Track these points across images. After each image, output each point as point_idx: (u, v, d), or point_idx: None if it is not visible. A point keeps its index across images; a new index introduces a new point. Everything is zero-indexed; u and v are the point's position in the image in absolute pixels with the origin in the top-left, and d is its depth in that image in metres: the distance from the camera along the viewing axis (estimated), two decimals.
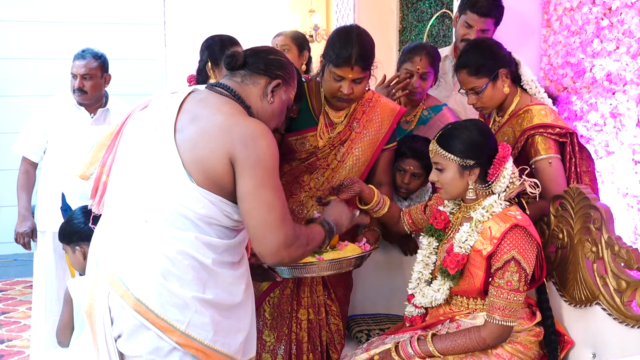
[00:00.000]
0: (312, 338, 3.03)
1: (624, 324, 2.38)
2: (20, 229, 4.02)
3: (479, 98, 2.88)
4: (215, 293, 2.15)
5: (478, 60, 2.85)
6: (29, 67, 7.06)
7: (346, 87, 2.81)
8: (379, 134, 3.01)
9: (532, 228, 2.45)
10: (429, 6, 5.62)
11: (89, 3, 7.20)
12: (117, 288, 2.11)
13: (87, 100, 4.01)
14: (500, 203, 2.48)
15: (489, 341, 2.42)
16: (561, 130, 2.83)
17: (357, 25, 2.89)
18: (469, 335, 2.45)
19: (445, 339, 2.47)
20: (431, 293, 2.59)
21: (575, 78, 3.97)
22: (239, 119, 2.13)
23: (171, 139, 2.13)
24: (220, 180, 2.10)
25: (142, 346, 2.11)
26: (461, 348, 2.45)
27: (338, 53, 2.78)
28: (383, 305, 3.32)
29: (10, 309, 5.33)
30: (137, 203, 2.16)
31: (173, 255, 2.09)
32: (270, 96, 2.28)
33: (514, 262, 2.38)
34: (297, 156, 2.99)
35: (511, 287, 2.38)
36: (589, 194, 2.55)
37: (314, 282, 3.03)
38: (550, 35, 4.14)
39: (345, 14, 6.48)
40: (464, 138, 2.48)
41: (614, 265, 2.43)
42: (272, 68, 2.28)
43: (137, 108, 2.32)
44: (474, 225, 2.48)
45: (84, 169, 2.44)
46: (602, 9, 3.75)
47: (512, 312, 2.39)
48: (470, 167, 2.48)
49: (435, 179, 2.55)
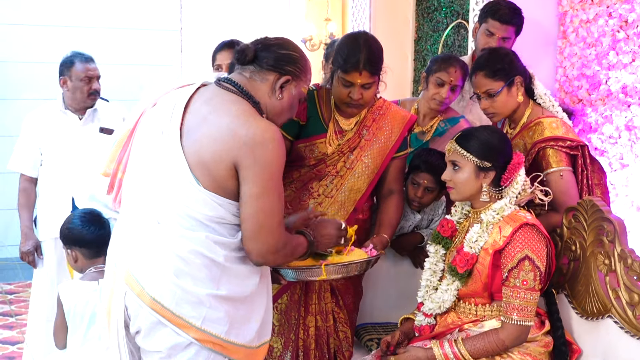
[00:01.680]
0: (320, 345, 3.02)
1: (635, 337, 2.36)
2: (24, 248, 4.04)
3: (492, 102, 2.88)
4: (229, 288, 2.16)
5: (497, 63, 2.87)
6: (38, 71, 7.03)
7: (355, 93, 2.81)
8: (389, 141, 3.00)
9: (542, 227, 2.47)
10: (444, 16, 5.63)
11: (107, 8, 7.24)
12: (134, 287, 2.15)
13: (95, 102, 4.05)
14: (510, 207, 2.50)
15: (507, 343, 2.43)
16: (572, 143, 2.82)
17: (365, 31, 2.90)
18: (487, 338, 2.45)
19: (465, 343, 2.47)
20: (439, 295, 2.60)
21: (590, 90, 3.95)
22: (245, 121, 2.11)
23: (177, 143, 2.14)
24: (225, 184, 2.11)
25: (161, 342, 2.15)
26: (481, 352, 2.45)
27: (346, 58, 2.78)
28: (394, 314, 3.30)
29: (23, 311, 5.34)
30: (149, 205, 2.18)
31: (185, 255, 2.12)
32: (279, 92, 2.25)
33: (527, 260, 2.41)
34: (305, 163, 2.98)
35: (527, 287, 2.40)
36: (602, 206, 2.54)
37: (321, 289, 3.02)
38: (567, 47, 4.14)
39: (361, 22, 6.48)
40: (484, 140, 2.52)
41: (626, 278, 2.41)
42: (281, 64, 2.24)
43: (148, 105, 2.31)
44: (485, 227, 2.50)
45: (105, 166, 2.43)
46: (618, 21, 3.75)
47: (529, 312, 2.41)
48: (486, 169, 2.51)
49: (448, 178, 2.57)
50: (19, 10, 7.07)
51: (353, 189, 2.98)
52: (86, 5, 7.21)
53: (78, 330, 2.94)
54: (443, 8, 5.64)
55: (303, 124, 2.96)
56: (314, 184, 3.00)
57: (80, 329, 2.94)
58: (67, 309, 2.95)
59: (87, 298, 2.93)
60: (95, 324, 2.92)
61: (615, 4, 3.76)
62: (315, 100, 2.99)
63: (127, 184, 2.29)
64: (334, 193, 2.98)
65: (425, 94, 3.41)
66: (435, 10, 5.78)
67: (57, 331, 3.03)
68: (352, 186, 2.97)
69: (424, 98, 3.42)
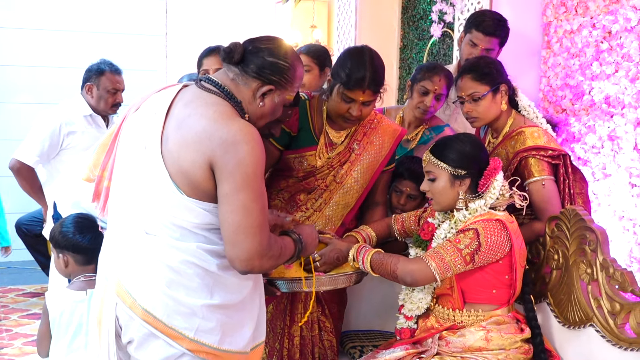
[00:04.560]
0: (304, 355, 3.01)
1: (617, 346, 2.37)
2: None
3: (475, 106, 2.88)
4: (223, 296, 2.14)
5: (484, 67, 2.89)
6: (29, 75, 7.07)
7: (355, 110, 2.77)
8: (379, 156, 2.98)
9: (512, 225, 2.50)
10: (430, 25, 5.65)
11: (92, 13, 7.23)
12: (125, 299, 2.12)
13: (116, 112, 4.12)
14: (485, 209, 2.52)
15: (399, 271, 2.48)
16: (554, 152, 2.83)
17: (368, 47, 2.83)
18: (390, 259, 2.53)
19: (374, 254, 2.57)
20: (416, 295, 2.64)
21: (574, 100, 3.98)
22: (222, 123, 2.05)
23: (157, 152, 2.10)
24: (205, 189, 2.07)
25: (154, 353, 2.13)
26: (379, 267, 2.54)
27: (350, 75, 2.72)
28: (377, 322, 3.31)
29: (2, 316, 5.30)
30: (136, 215, 2.15)
31: (177, 265, 2.09)
32: (259, 100, 2.20)
33: (473, 231, 2.44)
34: (294, 174, 2.95)
35: (457, 245, 2.43)
36: (585, 215, 2.56)
37: (307, 298, 3.00)
38: (550, 57, 4.16)
39: (346, 30, 6.50)
40: (457, 148, 2.54)
41: (608, 288, 2.42)
42: (266, 72, 2.17)
43: (130, 109, 2.28)
44: (454, 224, 2.53)
45: (88, 172, 2.39)
46: (602, 32, 3.77)
47: (445, 270, 2.43)
48: (461, 177, 2.53)
49: (426, 189, 2.60)
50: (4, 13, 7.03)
51: (341, 203, 2.97)
52: (71, 10, 7.20)
53: (62, 339, 2.89)
54: (429, 16, 5.66)
55: (294, 135, 2.92)
56: (301, 196, 2.97)
57: (64, 339, 2.89)
58: (53, 318, 2.89)
59: (73, 308, 2.87)
60: (81, 335, 2.87)
61: (599, 15, 3.79)
62: (307, 111, 2.95)
63: (113, 194, 2.26)
64: (322, 207, 2.96)
65: (410, 103, 3.42)
66: (421, 19, 5.80)
67: (40, 339, 2.97)
68: (341, 201, 2.96)
69: (409, 106, 3.43)
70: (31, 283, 6.19)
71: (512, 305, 2.59)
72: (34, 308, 5.51)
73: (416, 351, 2.57)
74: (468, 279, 2.52)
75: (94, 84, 4.15)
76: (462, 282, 2.54)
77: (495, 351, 2.49)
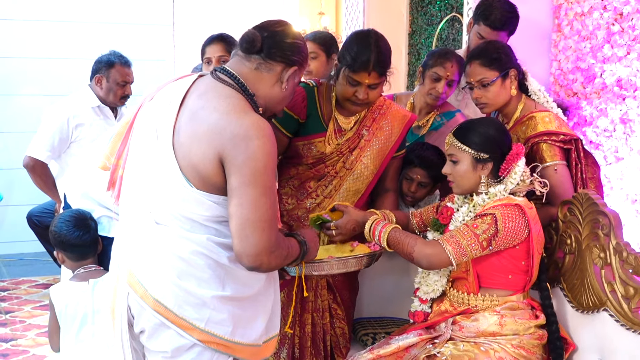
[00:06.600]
0: (316, 342, 3.01)
1: (631, 331, 2.35)
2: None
3: (484, 92, 2.86)
4: (235, 288, 2.13)
5: (493, 53, 2.86)
6: (37, 67, 7.06)
7: (362, 93, 2.76)
8: (389, 142, 2.96)
9: (531, 211, 2.49)
10: (438, 10, 5.61)
11: (98, 3, 7.20)
12: (137, 289, 2.13)
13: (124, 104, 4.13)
14: (504, 194, 2.51)
15: (415, 253, 2.50)
16: (565, 137, 2.81)
17: (374, 30, 2.81)
18: (407, 238, 2.55)
19: (392, 230, 2.58)
20: (432, 277, 2.64)
21: (585, 83, 3.95)
22: (235, 117, 2.04)
23: (169, 144, 2.10)
24: (215, 182, 2.06)
25: (166, 343, 2.13)
26: (396, 244, 2.56)
27: (355, 57, 2.72)
28: (389, 308, 3.31)
29: (16, 307, 5.32)
30: (146, 205, 2.15)
31: (187, 256, 2.08)
32: (285, 83, 2.21)
33: (491, 216, 2.44)
34: (303, 161, 2.94)
35: (474, 231, 2.44)
36: (597, 199, 2.54)
37: (318, 286, 3.00)
38: (561, 40, 4.12)
39: (355, 16, 6.47)
40: (481, 132, 2.54)
41: (622, 272, 2.41)
42: (288, 54, 2.18)
43: (146, 99, 2.28)
44: (472, 207, 2.53)
45: (105, 160, 2.39)
46: (613, 14, 3.74)
47: (461, 255, 2.44)
48: (483, 160, 2.52)
49: (448, 172, 2.59)
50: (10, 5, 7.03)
51: (352, 190, 2.95)
52: (78, 0, 7.17)
53: (70, 330, 2.92)
54: (437, 1, 5.62)
55: (302, 122, 2.91)
56: (311, 183, 2.97)
57: (72, 330, 2.91)
58: (59, 310, 2.92)
59: (78, 299, 2.91)
60: (87, 325, 2.89)
61: None
62: (315, 97, 2.94)
63: (126, 184, 2.25)
64: (332, 194, 2.95)
65: (421, 89, 3.39)
66: (430, 4, 5.77)
67: (51, 334, 3.00)
68: (351, 187, 2.95)
69: (420, 93, 3.40)
70: (44, 274, 6.20)
71: (527, 292, 2.57)
72: (47, 299, 5.51)
73: (429, 337, 2.57)
74: (484, 263, 2.52)
75: (103, 76, 4.16)
76: (478, 266, 2.53)
77: (509, 336, 2.48)
